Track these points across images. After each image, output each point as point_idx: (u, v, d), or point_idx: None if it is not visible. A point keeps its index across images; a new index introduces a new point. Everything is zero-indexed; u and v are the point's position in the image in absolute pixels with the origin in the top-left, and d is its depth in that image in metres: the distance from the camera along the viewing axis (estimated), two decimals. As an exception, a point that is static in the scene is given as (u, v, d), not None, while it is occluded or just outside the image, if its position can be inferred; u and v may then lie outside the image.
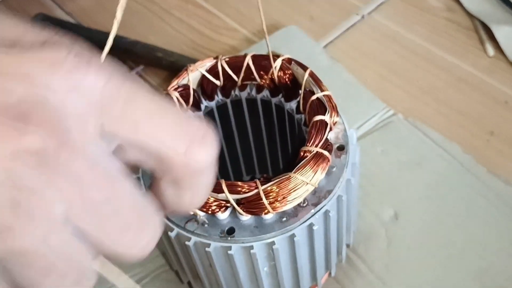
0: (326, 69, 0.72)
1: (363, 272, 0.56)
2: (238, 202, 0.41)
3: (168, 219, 0.43)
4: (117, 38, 0.59)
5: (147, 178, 0.44)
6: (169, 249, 0.48)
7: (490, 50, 0.74)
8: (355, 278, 0.55)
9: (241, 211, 0.40)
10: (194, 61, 0.50)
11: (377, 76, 0.73)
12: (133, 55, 0.78)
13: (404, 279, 0.55)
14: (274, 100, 0.50)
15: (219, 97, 0.51)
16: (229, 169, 0.59)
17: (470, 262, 0.55)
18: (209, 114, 0.51)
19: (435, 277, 0.55)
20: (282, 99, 0.49)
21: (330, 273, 0.54)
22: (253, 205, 0.40)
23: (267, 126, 0.54)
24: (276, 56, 0.48)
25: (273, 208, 0.40)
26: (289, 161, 0.44)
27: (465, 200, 0.59)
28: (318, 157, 0.41)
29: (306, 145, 0.42)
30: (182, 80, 0.48)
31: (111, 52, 0.81)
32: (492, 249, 0.56)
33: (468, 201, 0.59)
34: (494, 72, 0.72)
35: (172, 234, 0.43)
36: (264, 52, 0.49)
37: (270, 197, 0.40)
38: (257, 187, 0.40)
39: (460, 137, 0.65)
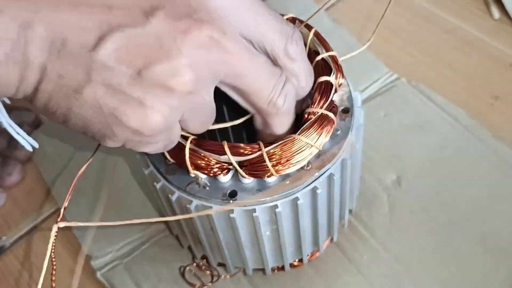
0: (329, 32, 0.70)
1: (365, 237, 0.55)
2: (240, 164, 0.39)
3: (169, 182, 0.42)
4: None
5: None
6: (169, 213, 0.47)
7: (496, 12, 0.72)
8: (357, 244, 0.55)
9: (243, 173, 0.39)
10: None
11: (379, 38, 0.72)
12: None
13: (406, 244, 0.54)
14: None
15: None
16: (230, 133, 0.58)
17: (473, 227, 0.54)
18: None
19: (437, 242, 0.54)
20: None
21: (332, 239, 0.54)
22: (256, 168, 0.39)
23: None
24: (281, 15, 0.47)
25: (277, 171, 0.39)
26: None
27: (469, 164, 0.58)
28: (323, 119, 0.40)
29: (311, 107, 0.41)
30: None
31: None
32: (495, 213, 0.55)
33: (472, 165, 0.58)
34: (499, 35, 0.70)
35: (173, 197, 0.42)
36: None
37: (274, 160, 0.38)
38: (260, 149, 0.39)
39: (464, 100, 0.64)
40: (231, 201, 0.40)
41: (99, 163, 0.63)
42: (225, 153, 0.39)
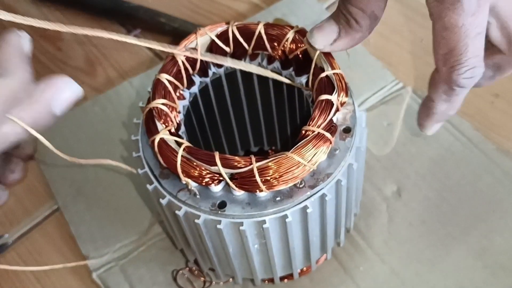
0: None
1: (362, 248, 0.53)
2: (232, 176, 0.38)
3: (161, 185, 0.41)
4: (120, 3, 0.58)
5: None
6: (162, 215, 0.46)
7: None
8: (354, 254, 0.53)
9: (233, 186, 0.38)
10: (198, 27, 0.47)
11: (379, 36, 0.70)
12: (135, 20, 0.75)
13: (403, 256, 0.52)
14: (284, 73, 0.46)
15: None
16: (237, 139, 0.57)
17: (472, 241, 0.53)
18: (216, 81, 0.48)
19: (435, 255, 0.52)
20: (293, 73, 0.46)
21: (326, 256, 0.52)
22: (246, 181, 0.37)
23: (276, 99, 0.51)
24: (290, 27, 0.45)
25: (267, 187, 0.37)
26: (292, 138, 0.42)
27: (471, 177, 0.56)
28: (319, 138, 0.38)
29: (308, 125, 0.39)
30: (190, 43, 0.45)
31: (113, 16, 0.79)
32: (495, 228, 0.53)
33: (473, 178, 0.56)
34: None
35: (163, 202, 0.41)
36: (271, 20, 0.47)
37: (265, 175, 0.37)
38: (251, 163, 0.37)
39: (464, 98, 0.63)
40: (219, 212, 0.39)
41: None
42: (216, 164, 0.38)
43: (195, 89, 0.47)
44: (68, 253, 0.57)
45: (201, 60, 0.46)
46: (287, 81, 0.46)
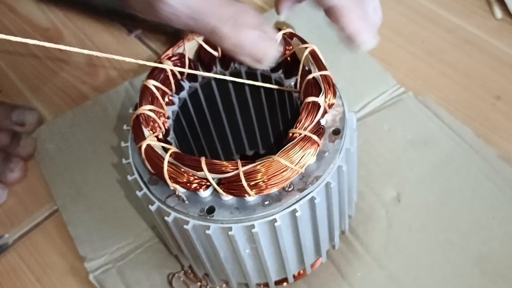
0: (338, 41, 0.69)
1: (360, 253, 0.52)
2: (219, 181, 0.37)
3: (150, 192, 0.40)
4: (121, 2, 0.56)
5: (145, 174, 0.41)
6: (154, 221, 0.45)
7: (498, 12, 0.68)
8: (351, 259, 0.52)
9: (221, 191, 0.37)
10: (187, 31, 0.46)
11: (380, 37, 0.70)
12: (136, 21, 0.75)
13: (402, 262, 0.51)
14: (274, 76, 0.45)
15: (217, 68, 0.46)
16: (231, 143, 0.56)
17: (471, 247, 0.51)
18: (206, 85, 0.47)
19: (433, 261, 0.51)
20: (282, 75, 0.45)
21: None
22: (233, 186, 0.36)
23: (268, 102, 0.50)
24: (278, 29, 0.44)
25: (255, 191, 0.36)
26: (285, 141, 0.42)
27: (471, 183, 0.55)
28: (306, 141, 0.37)
29: (295, 127, 0.38)
30: (177, 49, 0.44)
31: (114, 16, 0.78)
32: (495, 235, 0.52)
33: (474, 184, 0.55)
34: (501, 35, 0.67)
35: (152, 208, 0.40)
36: (273, 22, 0.46)
37: (253, 179, 0.36)
38: (238, 168, 0.36)
39: (465, 100, 0.61)
40: (208, 217, 0.38)
41: (98, 163, 0.62)
42: (202, 169, 0.37)
43: (184, 94, 0.46)
44: (68, 253, 0.57)
45: (190, 65, 0.45)
46: (275, 86, 0.46)
